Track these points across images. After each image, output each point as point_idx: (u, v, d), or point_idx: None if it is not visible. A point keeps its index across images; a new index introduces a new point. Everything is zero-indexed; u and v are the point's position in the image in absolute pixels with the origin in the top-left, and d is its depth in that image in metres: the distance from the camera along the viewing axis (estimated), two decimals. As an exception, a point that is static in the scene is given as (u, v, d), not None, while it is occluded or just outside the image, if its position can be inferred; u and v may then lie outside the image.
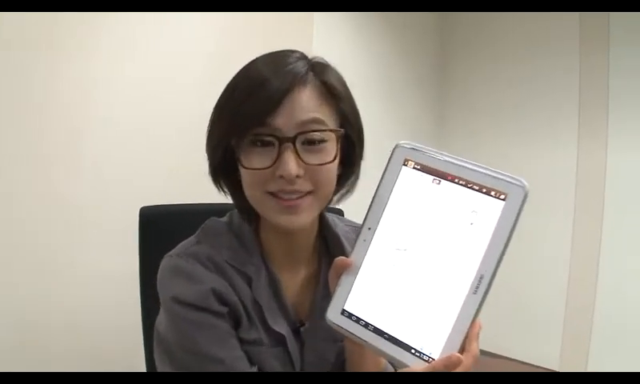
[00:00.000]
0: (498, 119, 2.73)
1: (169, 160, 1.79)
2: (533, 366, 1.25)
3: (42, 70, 1.52)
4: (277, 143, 0.64)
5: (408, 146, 0.58)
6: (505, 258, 0.54)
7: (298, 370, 0.72)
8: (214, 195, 0.85)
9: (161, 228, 0.97)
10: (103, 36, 1.64)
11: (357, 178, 0.75)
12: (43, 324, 1.57)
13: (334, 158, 0.66)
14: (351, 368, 0.70)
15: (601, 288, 2.34)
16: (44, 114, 1.54)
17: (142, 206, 1.04)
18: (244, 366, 0.67)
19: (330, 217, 0.79)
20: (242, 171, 0.67)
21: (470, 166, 0.55)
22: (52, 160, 1.56)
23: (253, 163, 0.65)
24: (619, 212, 2.31)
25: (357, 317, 0.57)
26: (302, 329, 0.73)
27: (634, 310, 2.23)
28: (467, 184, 0.54)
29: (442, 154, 0.57)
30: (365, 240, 0.58)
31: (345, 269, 0.58)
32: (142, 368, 1.07)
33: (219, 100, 0.69)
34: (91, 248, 1.65)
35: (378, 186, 0.59)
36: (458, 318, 0.52)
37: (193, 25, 1.81)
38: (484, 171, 0.54)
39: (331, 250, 0.76)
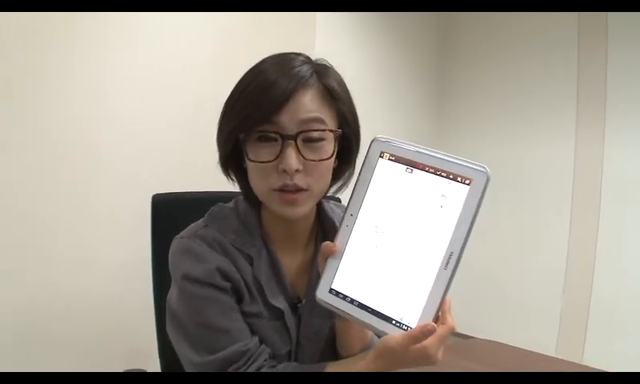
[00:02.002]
0: (498, 115, 2.77)
1: (176, 151, 1.85)
2: (530, 352, 1.29)
3: (57, 68, 1.58)
4: (280, 139, 0.70)
5: (383, 140, 0.65)
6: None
7: (294, 342, 0.79)
8: (219, 184, 0.91)
9: (172, 214, 1.02)
10: (114, 35, 1.70)
11: (352, 172, 0.81)
12: (57, 309, 1.63)
13: (331, 156, 0.73)
14: (340, 341, 0.78)
15: (598, 276, 2.39)
16: (57, 108, 1.60)
17: (154, 193, 1.10)
18: (246, 336, 0.74)
19: (328, 205, 0.87)
20: (249, 164, 0.74)
21: (439, 156, 0.61)
22: (65, 152, 1.62)
23: (258, 156, 0.72)
24: (616, 204, 2.35)
25: (343, 294, 0.65)
26: (299, 305, 0.81)
27: (630, 297, 2.29)
28: (436, 171, 0.61)
29: (413, 145, 0.63)
30: (347, 225, 0.66)
31: (331, 253, 0.66)
32: (153, 350, 1.12)
33: (230, 97, 0.75)
34: (103, 236, 1.71)
35: (358, 177, 0.66)
36: (431, 290, 0.59)
37: (198, 24, 1.87)
38: (451, 160, 0.60)
39: (327, 234, 0.83)
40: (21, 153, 1.54)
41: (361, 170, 0.66)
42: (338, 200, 1.03)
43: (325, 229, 0.84)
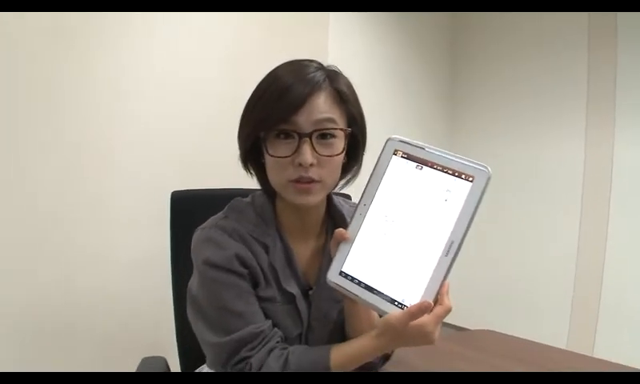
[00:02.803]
0: (508, 115, 2.78)
1: (194, 150, 1.90)
2: (541, 345, 1.31)
3: (75, 68, 1.63)
4: (297, 137, 0.79)
5: (397, 139, 0.74)
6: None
7: (305, 324, 0.86)
8: (234, 181, 0.96)
9: (190, 210, 1.06)
10: (132, 35, 1.74)
11: (359, 167, 0.89)
12: (75, 305, 1.68)
13: (341, 152, 0.82)
14: (348, 321, 0.85)
15: (608, 270, 2.40)
16: (76, 109, 1.64)
17: (173, 190, 1.15)
18: (260, 319, 0.81)
19: (337, 199, 0.95)
20: (268, 158, 0.81)
21: (446, 155, 0.69)
22: (83, 151, 1.67)
23: (277, 152, 0.79)
24: (625, 203, 2.35)
25: (352, 276, 0.72)
26: (310, 292, 0.88)
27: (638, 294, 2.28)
28: (443, 169, 0.68)
29: (424, 145, 0.71)
30: (360, 214, 0.74)
31: (342, 238, 0.74)
32: (172, 346, 1.16)
33: (249, 100, 0.83)
34: (122, 233, 1.75)
35: (373, 171, 0.74)
36: (432, 275, 0.66)
37: (212, 24, 1.91)
38: (456, 159, 0.68)
39: (337, 225, 0.89)
40: (40, 152, 1.58)
41: (375, 166, 0.74)
42: (348, 197, 1.11)
43: (335, 220, 0.92)
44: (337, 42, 2.29)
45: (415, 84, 2.84)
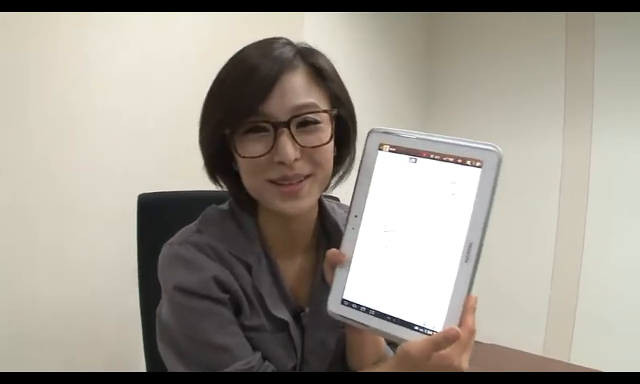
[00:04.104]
0: (484, 115, 2.77)
1: (164, 149, 1.82)
2: (518, 352, 1.29)
3: (37, 63, 1.54)
4: (272, 129, 0.64)
5: (381, 131, 0.60)
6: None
7: (299, 355, 0.72)
8: (209, 183, 0.88)
9: (159, 214, 0.99)
10: (95, 27, 1.65)
11: (353, 158, 0.75)
12: (41, 314, 1.58)
13: (330, 138, 0.67)
14: (352, 355, 0.71)
15: (585, 275, 2.39)
16: (38, 106, 1.55)
17: (141, 193, 1.06)
18: (247, 353, 0.67)
19: (329, 204, 0.80)
20: (240, 160, 0.67)
21: (443, 140, 0.57)
22: (47, 151, 1.58)
23: (250, 151, 0.65)
24: (603, 204, 2.36)
25: (357, 304, 0.59)
26: (302, 314, 0.74)
27: (617, 296, 2.30)
28: (442, 157, 0.56)
29: (414, 132, 0.59)
30: (353, 228, 0.60)
31: (337, 261, 0.60)
32: (139, 355, 1.09)
33: (210, 91, 0.69)
34: (87, 237, 1.67)
35: (358, 174, 0.61)
36: (454, 288, 0.54)
37: (183, 23, 1.84)
38: (456, 142, 0.56)
39: (330, 237, 0.77)
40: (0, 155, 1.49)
41: (360, 166, 0.61)
42: (337, 199, 0.98)
43: (327, 230, 0.78)
44: (312, 42, 2.25)
45: (392, 84, 2.81)
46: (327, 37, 2.37)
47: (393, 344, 0.77)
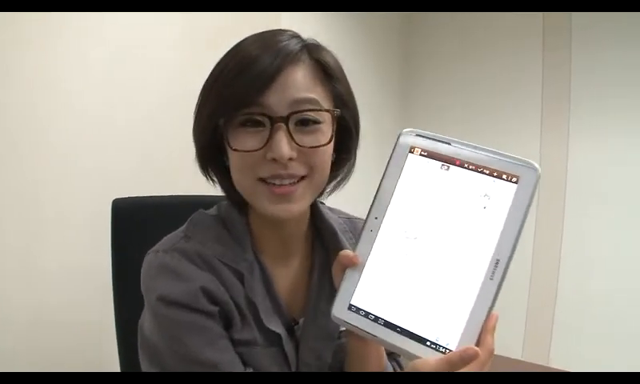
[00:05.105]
0: (462, 116, 2.77)
1: (140, 152, 1.77)
2: (498, 356, 1.28)
3: (4, 62, 1.48)
4: (268, 123, 0.60)
5: (413, 133, 0.57)
6: None
7: (294, 370, 0.68)
8: (188, 187, 0.84)
9: (135, 220, 0.95)
10: (69, 27, 1.60)
11: (353, 164, 0.72)
12: (10, 323, 1.52)
13: (330, 140, 0.63)
14: (352, 366, 0.67)
15: (563, 279, 2.40)
16: (6, 107, 1.49)
17: (115, 197, 1.02)
18: (238, 369, 0.63)
19: (323, 207, 0.76)
20: (231, 155, 0.63)
21: (480, 151, 0.54)
22: (17, 153, 1.52)
23: (242, 144, 0.61)
24: (581, 205, 2.37)
25: (365, 311, 0.55)
26: (295, 327, 0.70)
27: (595, 300, 2.31)
28: (477, 168, 0.53)
29: (450, 139, 0.56)
30: (372, 230, 0.56)
31: (350, 263, 0.55)
32: (114, 364, 1.05)
33: (207, 80, 0.65)
34: (59, 244, 1.61)
35: (384, 175, 0.57)
36: (474, 305, 0.50)
37: (157, 24, 1.80)
38: (494, 155, 0.54)
39: (326, 242, 0.73)
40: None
41: (386, 168, 0.57)
42: (322, 204, 0.96)
43: (322, 234, 0.74)
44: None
45: (368, 85, 2.80)
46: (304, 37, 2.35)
47: (392, 357, 0.75)
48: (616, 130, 2.30)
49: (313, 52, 0.65)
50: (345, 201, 0.84)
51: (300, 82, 0.61)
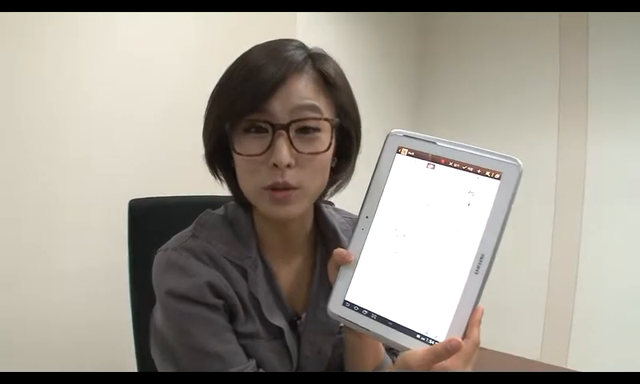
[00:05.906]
0: (478, 117, 2.76)
1: (156, 154, 1.79)
2: (515, 357, 1.28)
3: (24, 65, 1.50)
4: (270, 130, 0.64)
5: (400, 134, 0.59)
6: None
7: (295, 363, 0.72)
8: (201, 188, 0.85)
9: (151, 221, 0.97)
10: (85, 29, 1.63)
11: (352, 170, 0.74)
12: (29, 324, 1.55)
13: (328, 148, 0.66)
14: (351, 359, 0.70)
15: (581, 280, 2.38)
16: (23, 113, 1.52)
17: (131, 199, 1.04)
18: (241, 360, 0.67)
19: (327, 209, 0.79)
20: (236, 158, 0.67)
21: (463, 149, 0.56)
22: (34, 159, 1.54)
23: (246, 149, 0.65)
24: (599, 205, 2.34)
25: (359, 306, 0.57)
26: (298, 321, 0.73)
27: (613, 301, 2.28)
28: (462, 166, 0.55)
29: (434, 138, 0.58)
30: (363, 229, 0.59)
31: (344, 261, 0.58)
32: (132, 364, 1.07)
33: (216, 86, 0.69)
34: (77, 245, 1.63)
35: (373, 175, 0.60)
36: (461, 299, 0.53)
37: (172, 24, 1.82)
38: (477, 153, 0.56)
39: (327, 242, 0.76)
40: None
41: (376, 168, 0.60)
42: (331, 204, 0.98)
43: (325, 235, 0.77)
44: (304, 42, 2.23)
45: (383, 85, 2.80)
46: (319, 37, 2.34)
47: (391, 351, 0.76)
48: (634, 130, 2.27)
49: (316, 62, 0.68)
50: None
51: (302, 91, 0.65)
